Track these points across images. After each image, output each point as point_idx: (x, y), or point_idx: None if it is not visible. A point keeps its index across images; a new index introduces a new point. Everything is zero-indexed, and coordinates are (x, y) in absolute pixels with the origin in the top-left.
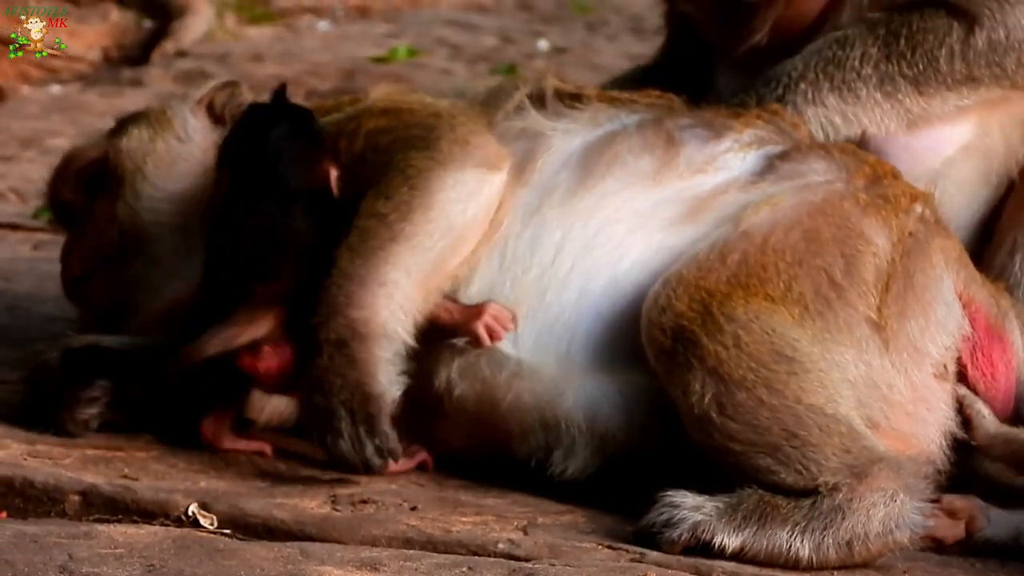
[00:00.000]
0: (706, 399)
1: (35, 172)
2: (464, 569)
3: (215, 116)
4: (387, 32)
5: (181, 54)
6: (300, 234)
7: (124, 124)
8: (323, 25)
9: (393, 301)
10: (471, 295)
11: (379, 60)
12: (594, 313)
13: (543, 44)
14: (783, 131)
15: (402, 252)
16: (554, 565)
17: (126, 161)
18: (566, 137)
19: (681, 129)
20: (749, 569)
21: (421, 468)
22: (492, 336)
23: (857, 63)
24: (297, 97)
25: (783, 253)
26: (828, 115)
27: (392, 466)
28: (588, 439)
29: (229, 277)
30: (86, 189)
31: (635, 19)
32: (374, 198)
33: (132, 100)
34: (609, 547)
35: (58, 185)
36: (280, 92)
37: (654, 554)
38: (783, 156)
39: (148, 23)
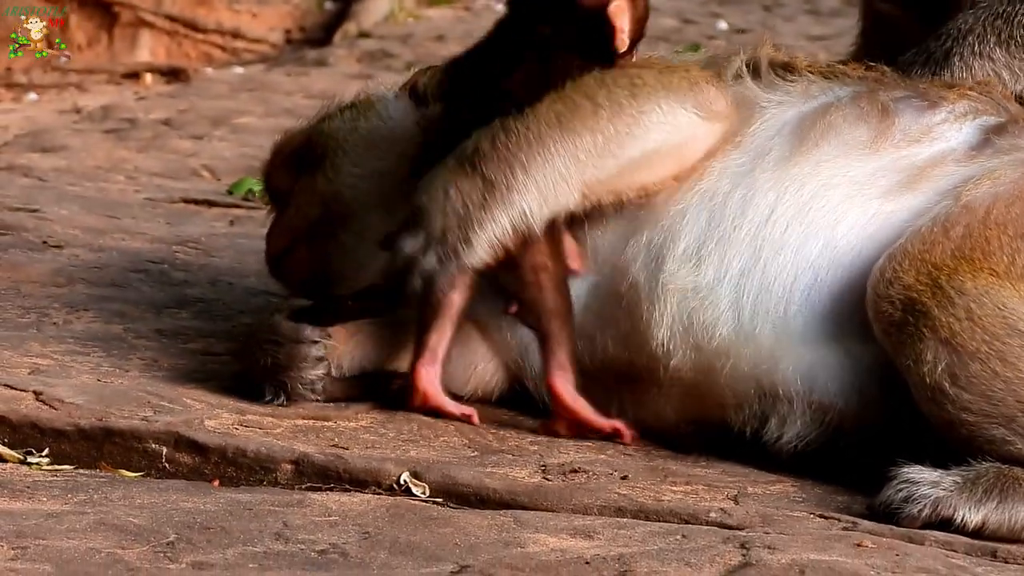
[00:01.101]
0: (939, 370)
1: (226, 150)
2: (678, 537)
3: (418, 98)
4: None
5: (364, 35)
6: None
7: (330, 110)
8: (501, 7)
9: (551, 186)
10: (678, 252)
11: None
12: (811, 276)
13: (722, 25)
14: (997, 103)
15: (591, 150)
16: (768, 533)
17: (328, 140)
18: (780, 107)
19: (895, 100)
20: (961, 538)
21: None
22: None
23: None
24: None
25: (1005, 227)
26: (996, 69)
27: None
28: (805, 408)
29: None
30: (293, 169)
31: (810, 0)
32: (597, 81)
33: (318, 79)
34: (821, 516)
35: (268, 168)
36: None
37: (866, 523)
38: (999, 129)
39: (329, 5)
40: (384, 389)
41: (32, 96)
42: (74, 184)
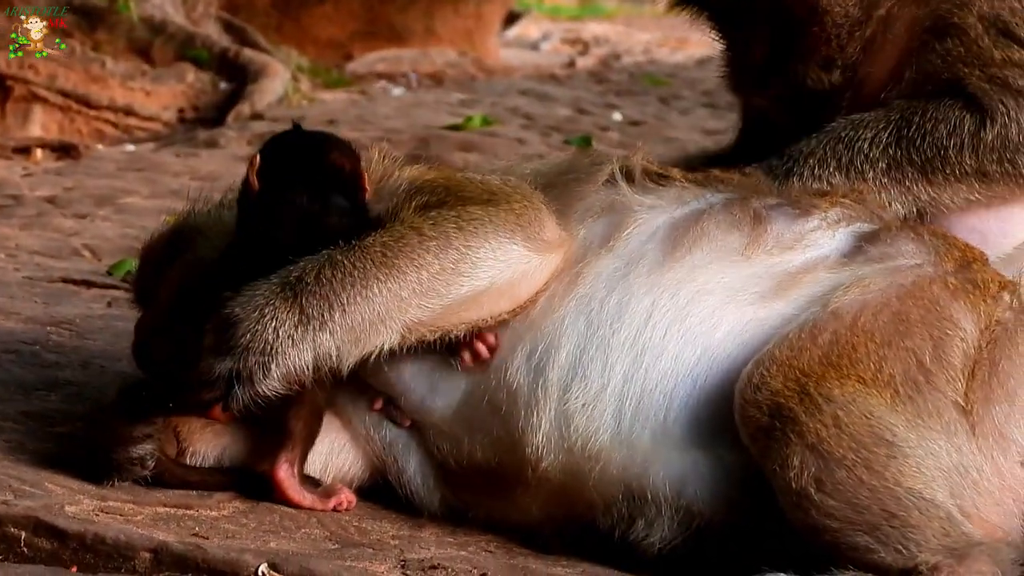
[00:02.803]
0: (804, 476)
1: (109, 230)
2: None
3: None
4: (461, 100)
5: (256, 116)
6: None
7: (196, 204)
8: (397, 91)
9: (367, 328)
10: (560, 359)
11: (453, 128)
12: (690, 383)
13: (617, 116)
14: (871, 211)
15: (415, 288)
16: None
17: (192, 231)
18: (652, 212)
19: (768, 207)
20: None
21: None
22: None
23: (866, 146)
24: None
25: (872, 334)
26: None
27: (306, 501)
28: (673, 512)
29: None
30: (161, 264)
31: (708, 94)
32: (422, 216)
33: (207, 161)
34: None
35: (138, 271)
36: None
37: None
38: (872, 237)
39: (224, 85)
40: (245, 480)
41: None
42: None
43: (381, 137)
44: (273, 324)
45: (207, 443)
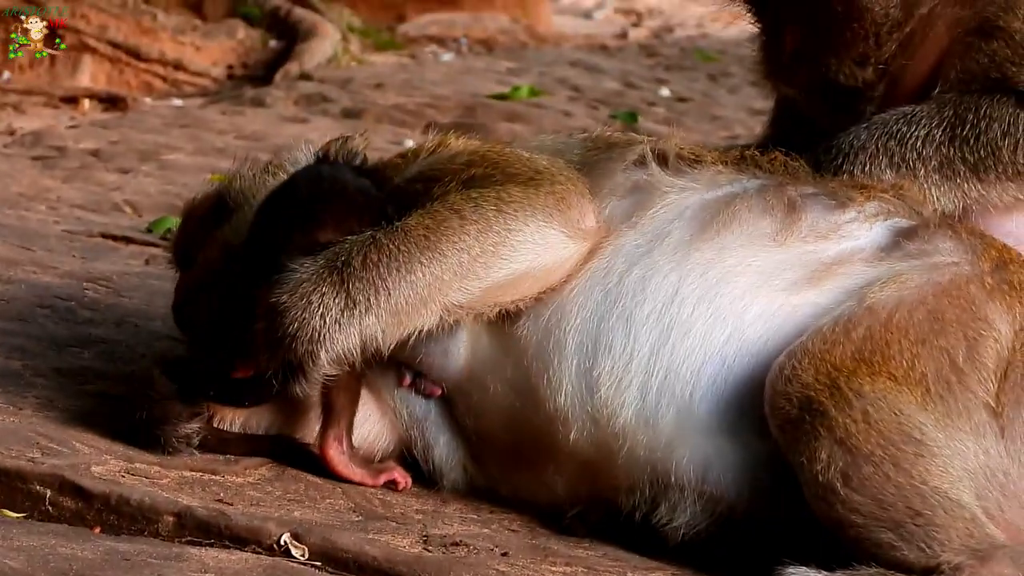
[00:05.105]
0: (832, 469)
1: (151, 186)
2: None
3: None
4: (510, 69)
5: (305, 76)
6: None
7: (242, 169)
8: (447, 56)
9: (411, 312)
10: (575, 325)
11: (500, 97)
12: (718, 361)
13: (665, 91)
14: (910, 206)
15: (456, 271)
16: None
17: (237, 195)
18: (683, 193)
19: (804, 196)
20: None
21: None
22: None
23: (919, 143)
24: (416, 128)
25: (907, 331)
26: None
27: (356, 476)
28: (696, 497)
29: None
30: (205, 228)
31: None
32: (464, 197)
33: (253, 119)
34: None
35: (180, 234)
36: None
37: None
38: (910, 233)
39: (274, 43)
40: (282, 447)
41: None
42: None
43: (428, 104)
44: (320, 311)
45: (233, 409)
